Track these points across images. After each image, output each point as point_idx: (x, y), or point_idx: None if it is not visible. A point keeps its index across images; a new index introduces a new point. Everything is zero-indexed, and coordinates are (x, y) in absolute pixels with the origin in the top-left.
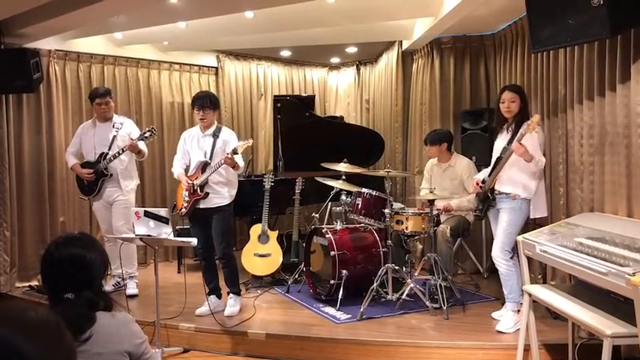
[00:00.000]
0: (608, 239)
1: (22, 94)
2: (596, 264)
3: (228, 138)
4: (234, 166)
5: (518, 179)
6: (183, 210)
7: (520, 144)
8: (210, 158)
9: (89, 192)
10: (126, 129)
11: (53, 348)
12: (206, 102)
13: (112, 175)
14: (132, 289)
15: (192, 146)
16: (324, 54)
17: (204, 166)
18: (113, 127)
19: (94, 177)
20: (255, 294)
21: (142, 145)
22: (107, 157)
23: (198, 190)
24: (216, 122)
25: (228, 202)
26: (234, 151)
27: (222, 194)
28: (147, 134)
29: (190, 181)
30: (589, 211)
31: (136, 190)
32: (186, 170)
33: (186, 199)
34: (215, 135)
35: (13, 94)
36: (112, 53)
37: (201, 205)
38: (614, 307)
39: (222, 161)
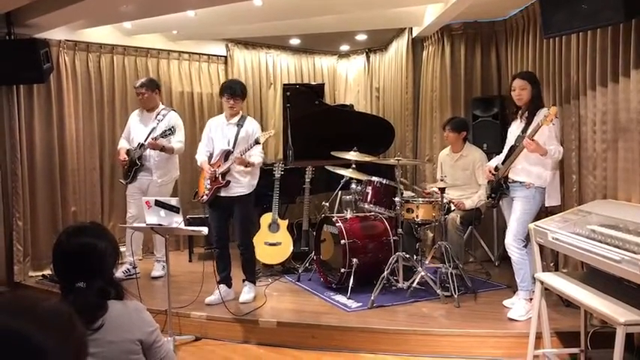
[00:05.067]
0: (622, 226)
1: (33, 85)
2: (609, 251)
3: (252, 129)
4: (247, 164)
5: (532, 169)
6: (205, 197)
7: (531, 140)
8: (234, 147)
9: (126, 177)
10: (168, 121)
11: (65, 338)
12: (237, 91)
13: (143, 164)
14: (157, 271)
15: (217, 134)
16: (333, 42)
17: (226, 155)
18: (156, 117)
19: (128, 164)
20: (266, 282)
21: (174, 142)
22: (141, 147)
23: (220, 178)
24: (241, 112)
25: (249, 191)
26: (257, 141)
27: (243, 183)
28: (167, 132)
29: (213, 169)
30: (602, 198)
31: (172, 183)
32: (210, 157)
33: (208, 186)
34: (239, 124)
35: (24, 85)
36: (121, 43)
37: (222, 194)
38: (627, 295)
39: (234, 161)
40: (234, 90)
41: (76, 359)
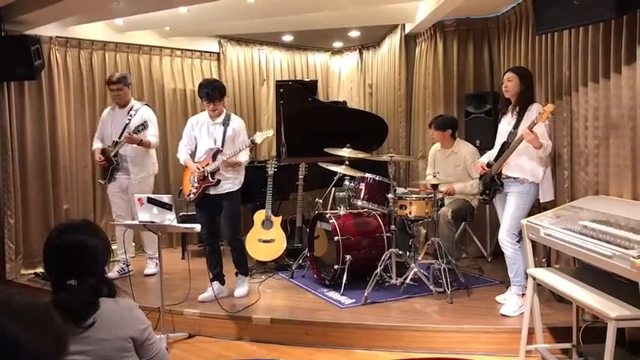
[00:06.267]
0: (613, 222)
1: (24, 82)
2: (600, 247)
3: (239, 127)
4: (235, 164)
5: (526, 165)
6: (192, 196)
7: (530, 131)
8: (222, 146)
9: (104, 177)
10: (140, 116)
11: (42, 330)
12: (214, 93)
13: (119, 163)
14: (150, 268)
15: (202, 133)
16: (326, 38)
17: (215, 154)
18: (128, 113)
19: (106, 163)
20: (260, 279)
21: (149, 136)
22: (116, 145)
23: (210, 177)
24: (224, 109)
25: (237, 188)
26: (253, 141)
27: (231, 180)
28: (140, 127)
29: (201, 168)
30: (594, 194)
31: (150, 178)
32: (192, 156)
33: (196, 184)
34: (225, 123)
35: (15, 82)
36: (113, 40)
37: (211, 192)
38: (619, 290)
39: (223, 164)
40: (210, 95)
41: (55, 352)
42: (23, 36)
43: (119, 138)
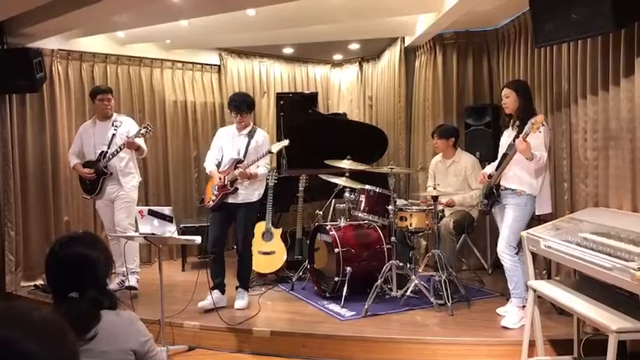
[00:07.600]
0: (613, 234)
1: (26, 94)
2: (600, 259)
3: (262, 140)
4: (250, 176)
5: (523, 176)
6: (211, 203)
7: (523, 140)
8: (244, 157)
9: (91, 191)
10: (125, 127)
11: (57, 348)
12: (243, 107)
13: (111, 173)
14: (132, 283)
15: (227, 144)
16: (326, 51)
17: (236, 164)
18: (112, 125)
19: (95, 176)
20: (260, 291)
21: (140, 142)
22: (106, 156)
23: (228, 185)
24: (252, 123)
25: (256, 199)
26: (269, 151)
27: (250, 191)
28: (142, 131)
29: (223, 177)
30: (593, 206)
31: (137, 187)
32: (218, 166)
33: (215, 192)
34: (250, 135)
35: (17, 94)
36: (114, 52)
37: (230, 200)
38: (619, 302)
39: (238, 174)
40: (238, 107)
41: None
42: (25, 49)
43: (108, 148)
